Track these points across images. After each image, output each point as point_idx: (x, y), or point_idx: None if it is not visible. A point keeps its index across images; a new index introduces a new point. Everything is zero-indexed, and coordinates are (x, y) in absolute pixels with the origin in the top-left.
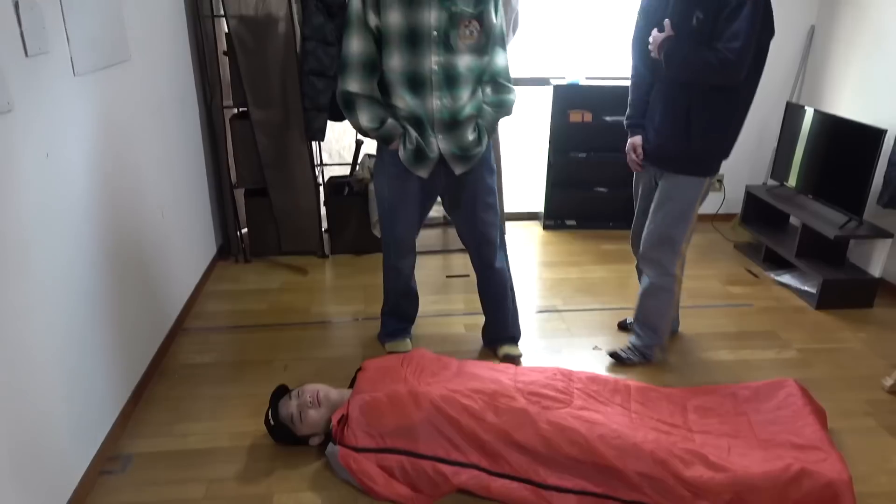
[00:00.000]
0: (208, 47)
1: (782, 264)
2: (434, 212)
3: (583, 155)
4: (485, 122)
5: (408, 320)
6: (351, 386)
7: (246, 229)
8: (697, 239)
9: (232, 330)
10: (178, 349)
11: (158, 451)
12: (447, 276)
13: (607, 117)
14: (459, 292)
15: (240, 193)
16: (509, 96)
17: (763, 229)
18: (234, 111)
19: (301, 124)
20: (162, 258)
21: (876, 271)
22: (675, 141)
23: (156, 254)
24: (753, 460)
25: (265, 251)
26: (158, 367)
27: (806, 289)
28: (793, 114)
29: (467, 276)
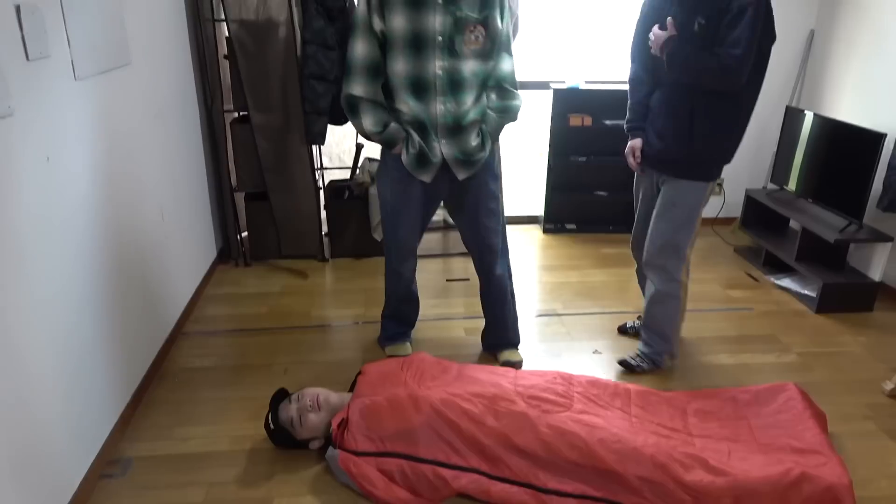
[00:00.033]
0: (209, 51)
1: (782, 268)
2: (435, 215)
3: (583, 159)
4: (489, 128)
5: (408, 324)
6: (351, 389)
7: (246, 233)
8: (697, 243)
9: (232, 333)
10: (178, 353)
11: (158, 455)
12: (447, 280)
13: (607, 121)
14: (459, 296)
15: (240, 197)
16: (514, 102)
17: (763, 233)
18: (235, 115)
19: (301, 128)
20: (162, 262)
21: (876, 275)
22: (678, 145)
23: (156, 257)
24: (754, 464)
25: (265, 255)
26: (158, 370)
27: (806, 292)
28: (792, 118)
29: (467, 279)
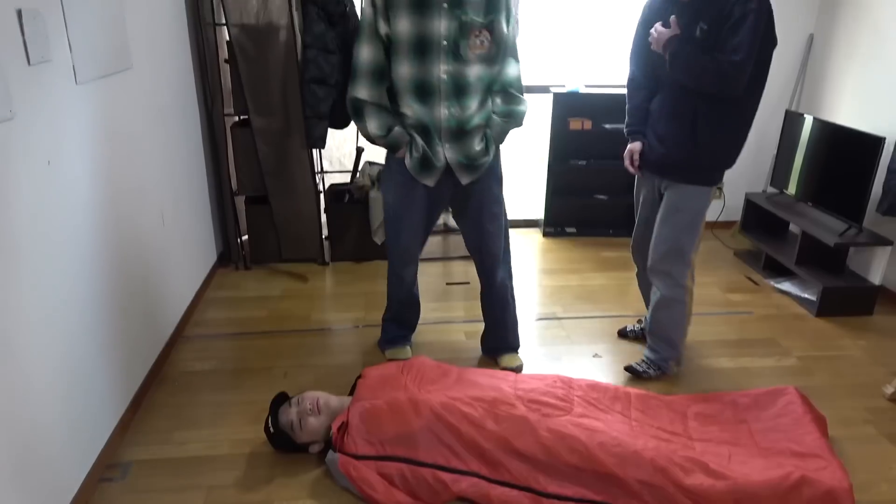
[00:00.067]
0: (209, 55)
1: (782, 272)
2: None
3: (582, 162)
4: (493, 132)
5: (409, 327)
6: (351, 393)
7: (246, 236)
8: None
9: (232, 337)
10: (177, 356)
11: (158, 459)
12: (447, 284)
13: (607, 125)
14: (459, 299)
15: (240, 201)
16: (520, 107)
17: (763, 237)
18: (235, 119)
19: (302, 132)
20: (162, 265)
21: (876, 279)
22: (681, 150)
23: (156, 261)
24: (754, 468)
25: (265, 258)
26: (158, 374)
27: (806, 296)
28: (792, 122)
29: (468, 283)
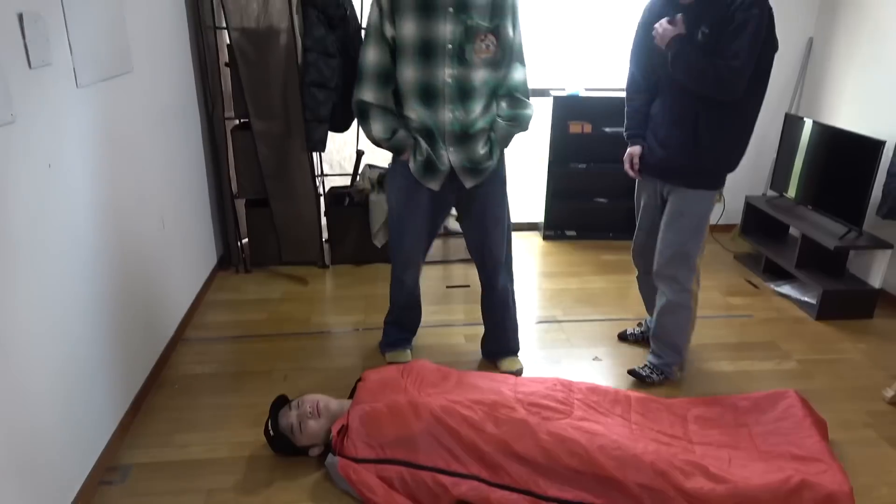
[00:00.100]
0: (210, 59)
1: (782, 275)
2: None
3: (582, 166)
4: (498, 136)
5: (410, 331)
6: (351, 396)
7: (246, 239)
8: None
9: (232, 340)
10: (178, 359)
11: (158, 462)
12: (447, 287)
13: (607, 128)
14: (459, 303)
15: (240, 204)
16: (526, 111)
17: (763, 240)
18: (236, 122)
19: (302, 135)
20: (162, 268)
21: (876, 282)
22: (683, 154)
23: (156, 264)
24: (754, 472)
25: (266, 261)
26: (158, 377)
27: (806, 299)
28: (792, 125)
29: (468, 286)
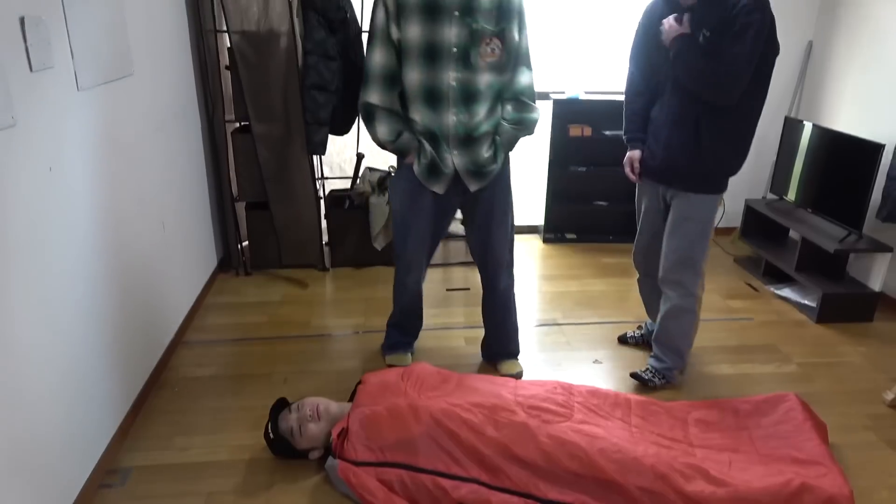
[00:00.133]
0: (210, 61)
1: (782, 278)
2: None
3: (582, 169)
4: (503, 140)
5: (411, 335)
6: (351, 399)
7: (247, 242)
8: None
9: (232, 343)
10: (178, 362)
11: (157, 465)
12: (447, 290)
13: (607, 131)
14: (459, 305)
15: (241, 206)
16: (531, 115)
17: (763, 243)
18: (236, 125)
19: (302, 138)
20: (163, 271)
21: (876, 285)
22: (686, 157)
23: (157, 266)
24: (754, 475)
25: (266, 264)
26: (158, 379)
27: (806, 302)
28: (791, 128)
29: (468, 289)
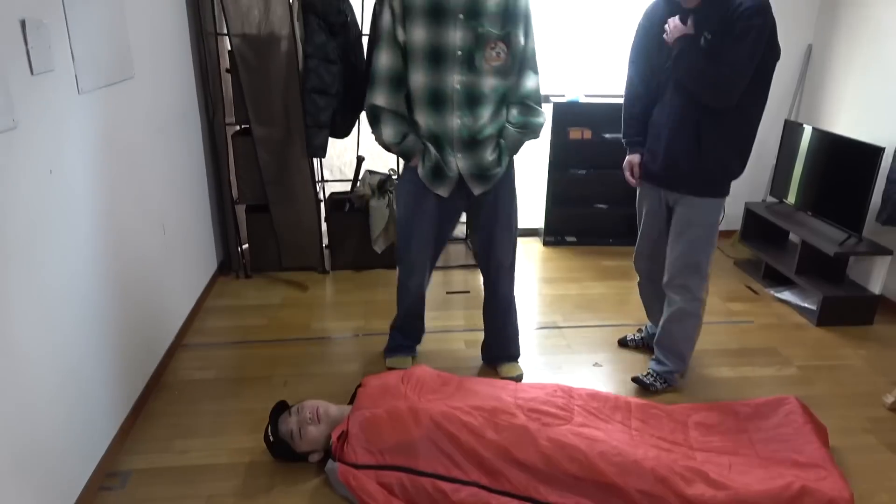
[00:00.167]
0: (211, 65)
1: (782, 281)
2: None
3: (582, 171)
4: (507, 143)
5: (412, 339)
6: (351, 402)
7: (247, 245)
8: None
9: (232, 346)
10: (178, 365)
11: (157, 468)
12: (447, 293)
13: (606, 134)
14: (459, 308)
15: (241, 209)
16: (537, 119)
17: (763, 246)
18: (236, 128)
19: (302, 141)
20: (163, 273)
21: (876, 288)
22: (686, 159)
23: (157, 269)
24: (754, 478)
25: (266, 267)
26: (158, 382)
27: (806, 305)
28: (791, 131)
29: (468, 292)
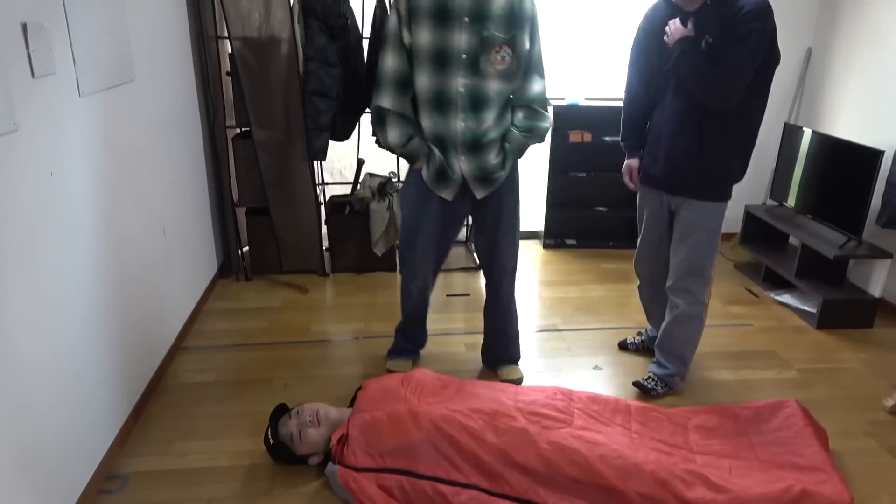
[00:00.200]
0: (212, 68)
1: (782, 284)
2: None
3: (582, 174)
4: (512, 146)
5: (413, 342)
6: (351, 405)
7: (247, 248)
8: None
9: (232, 348)
10: (178, 367)
11: (157, 470)
12: (448, 295)
13: (606, 137)
14: (460, 311)
15: (241, 212)
16: (543, 124)
17: (763, 249)
18: (237, 131)
19: (303, 144)
20: (163, 276)
21: (876, 291)
22: (688, 162)
23: (157, 272)
24: (755, 481)
25: (266, 269)
26: (158, 385)
27: (806, 308)
28: (791, 135)
29: (468, 295)
